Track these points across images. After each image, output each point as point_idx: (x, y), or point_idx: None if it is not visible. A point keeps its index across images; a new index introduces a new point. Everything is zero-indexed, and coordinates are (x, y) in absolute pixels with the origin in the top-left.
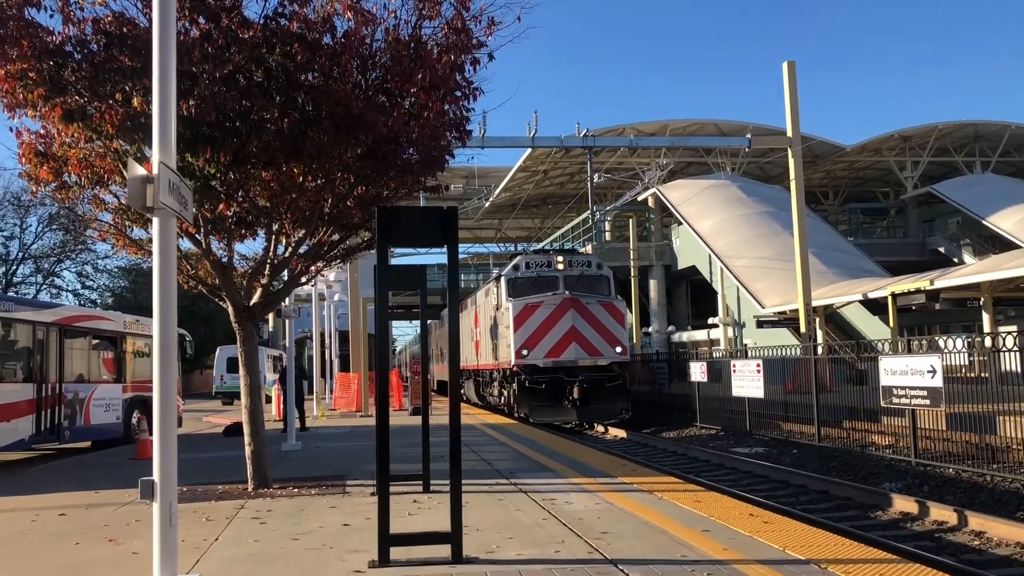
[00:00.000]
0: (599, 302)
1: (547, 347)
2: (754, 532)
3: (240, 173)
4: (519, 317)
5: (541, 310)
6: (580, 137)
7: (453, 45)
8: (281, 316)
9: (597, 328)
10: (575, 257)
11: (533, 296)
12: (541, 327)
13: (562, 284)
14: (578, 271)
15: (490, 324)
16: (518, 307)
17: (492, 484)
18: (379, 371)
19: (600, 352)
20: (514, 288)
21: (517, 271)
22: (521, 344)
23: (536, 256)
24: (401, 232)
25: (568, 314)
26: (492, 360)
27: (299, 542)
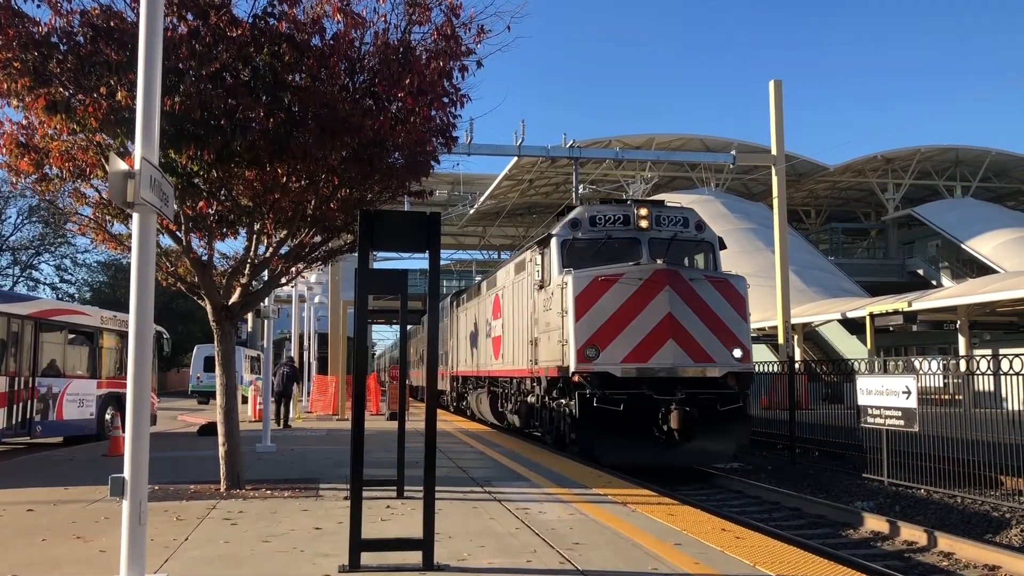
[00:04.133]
0: (709, 279)
1: (627, 346)
2: (726, 547)
3: (223, 171)
4: (583, 298)
5: (618, 289)
6: (566, 148)
7: (442, 51)
8: (260, 317)
9: (707, 319)
10: (665, 211)
11: (604, 268)
12: (618, 315)
13: (646, 250)
14: (669, 231)
15: (526, 311)
16: (582, 283)
17: (467, 492)
18: (356, 375)
19: (711, 357)
20: (571, 254)
21: (576, 229)
22: (587, 340)
23: (605, 208)
24: (384, 236)
25: (663, 296)
26: (527, 364)
27: (270, 544)
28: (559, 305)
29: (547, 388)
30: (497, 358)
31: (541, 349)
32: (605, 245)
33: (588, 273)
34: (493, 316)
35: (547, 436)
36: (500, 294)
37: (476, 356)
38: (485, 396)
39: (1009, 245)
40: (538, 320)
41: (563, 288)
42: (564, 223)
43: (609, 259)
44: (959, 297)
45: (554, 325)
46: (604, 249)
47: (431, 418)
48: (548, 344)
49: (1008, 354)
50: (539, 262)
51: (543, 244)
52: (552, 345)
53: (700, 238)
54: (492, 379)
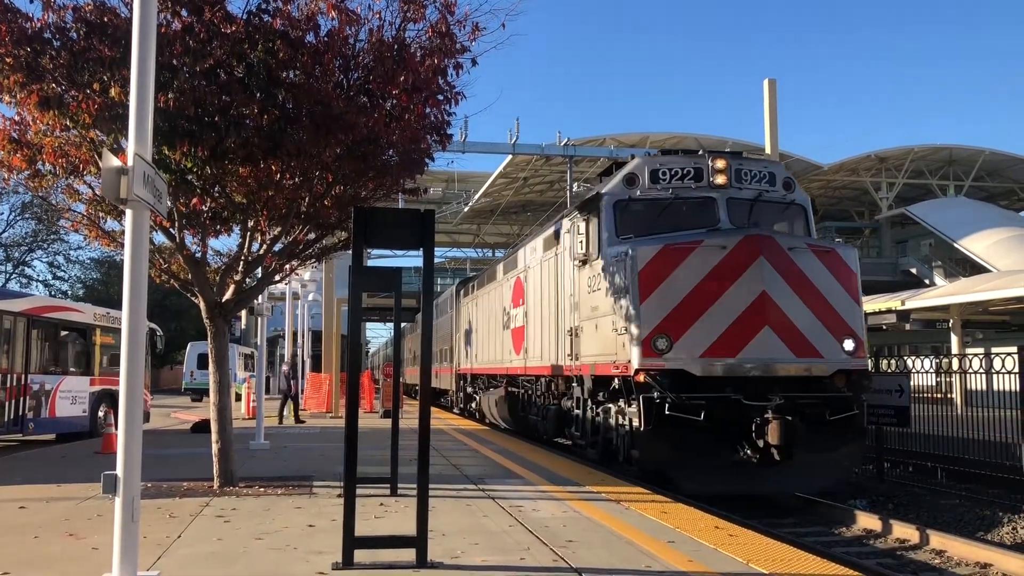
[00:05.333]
0: (812, 249)
1: (709, 335)
2: (719, 545)
3: (217, 168)
4: (650, 274)
5: (695, 261)
6: (561, 146)
7: (437, 49)
8: (254, 314)
9: (811, 301)
10: (747, 164)
11: (673, 235)
12: (696, 296)
13: (724, 213)
14: (752, 189)
15: (561, 295)
16: (648, 254)
17: (460, 489)
18: (350, 372)
19: (817, 350)
20: (627, 219)
21: (632, 186)
22: (655, 328)
23: (671, 160)
24: (378, 233)
25: (755, 270)
26: (562, 359)
27: (263, 542)
28: (614, 284)
29: (592, 390)
30: (519, 353)
31: (585, 341)
32: (670, 207)
33: (656, 242)
34: (513, 303)
35: (589, 450)
36: (523, 277)
37: (490, 351)
38: (502, 397)
39: (1002, 244)
40: (580, 304)
41: (621, 262)
42: (617, 180)
43: (674, 225)
44: (952, 296)
45: (605, 309)
46: (669, 212)
47: (424, 416)
48: (595, 334)
49: None
50: (582, 231)
51: (588, 208)
52: (602, 335)
53: (790, 199)
54: (511, 377)
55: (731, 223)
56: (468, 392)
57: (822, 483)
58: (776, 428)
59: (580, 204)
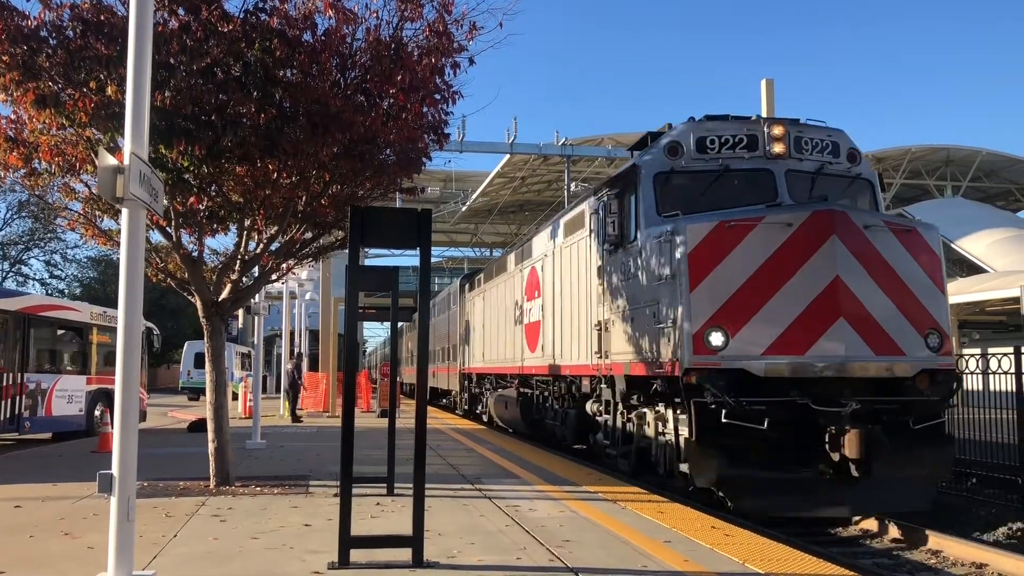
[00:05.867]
0: (891, 227)
1: (772, 328)
2: (715, 545)
3: (214, 167)
4: (702, 256)
5: (755, 242)
6: (559, 145)
7: (434, 48)
8: (251, 313)
9: (890, 288)
10: (808, 131)
11: (727, 212)
12: (756, 282)
13: (783, 187)
14: (814, 161)
15: (588, 284)
16: (700, 233)
17: (457, 489)
18: (346, 372)
19: (898, 347)
20: (669, 194)
21: (676, 156)
22: (709, 319)
23: (721, 126)
24: (374, 232)
25: (827, 251)
26: (588, 357)
27: (259, 541)
28: (656, 269)
29: (625, 392)
30: (533, 350)
31: (617, 336)
32: (720, 180)
33: (708, 218)
34: (527, 296)
35: (620, 460)
36: (539, 266)
37: (499, 349)
38: (513, 399)
39: (999, 245)
40: (610, 295)
41: (666, 243)
42: (658, 149)
43: (724, 201)
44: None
45: (643, 299)
46: (718, 186)
47: (421, 415)
48: (631, 328)
49: None
50: (614, 210)
51: (621, 183)
52: (640, 330)
53: (856, 172)
54: (524, 377)
55: (791, 199)
56: (474, 393)
57: (908, 502)
58: (855, 439)
59: (612, 179)
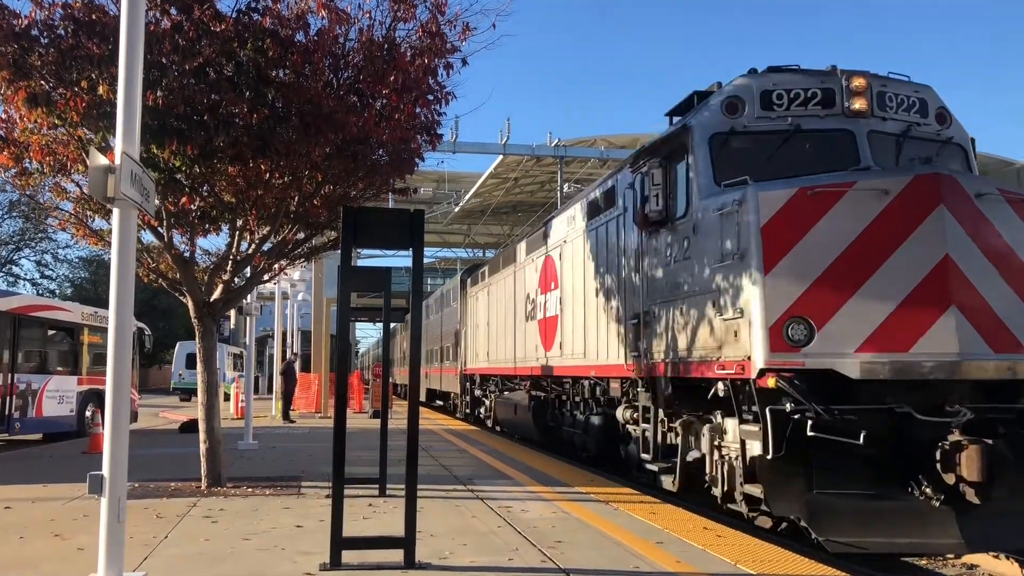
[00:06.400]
0: (1006, 195)
1: (868, 320)
2: (707, 546)
3: (206, 167)
4: (778, 230)
5: (842, 213)
6: (551, 147)
7: (427, 48)
8: (243, 314)
9: (1009, 272)
10: (892, 86)
11: (804, 180)
12: (846, 263)
13: (866, 151)
14: (900, 121)
15: (623, 271)
16: (776, 201)
17: (450, 490)
18: (338, 372)
19: (1020, 343)
20: (727, 159)
21: (735, 114)
22: (788, 309)
23: (790, 79)
24: (367, 233)
25: (933, 224)
26: (622, 356)
27: (250, 542)
28: (716, 248)
29: (671, 397)
30: (549, 348)
31: (660, 330)
32: (790, 143)
33: (785, 185)
34: (541, 289)
35: (664, 478)
36: (556, 254)
37: (508, 347)
38: (523, 403)
39: None
40: (654, 281)
41: (730, 216)
42: (713, 105)
43: (794, 168)
44: None
45: (700, 285)
46: (787, 151)
47: (413, 416)
48: (680, 321)
49: None
50: (657, 181)
51: (666, 149)
52: (693, 321)
53: (946, 136)
54: (537, 379)
55: (875, 164)
56: (476, 395)
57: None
58: (975, 457)
59: (653, 145)
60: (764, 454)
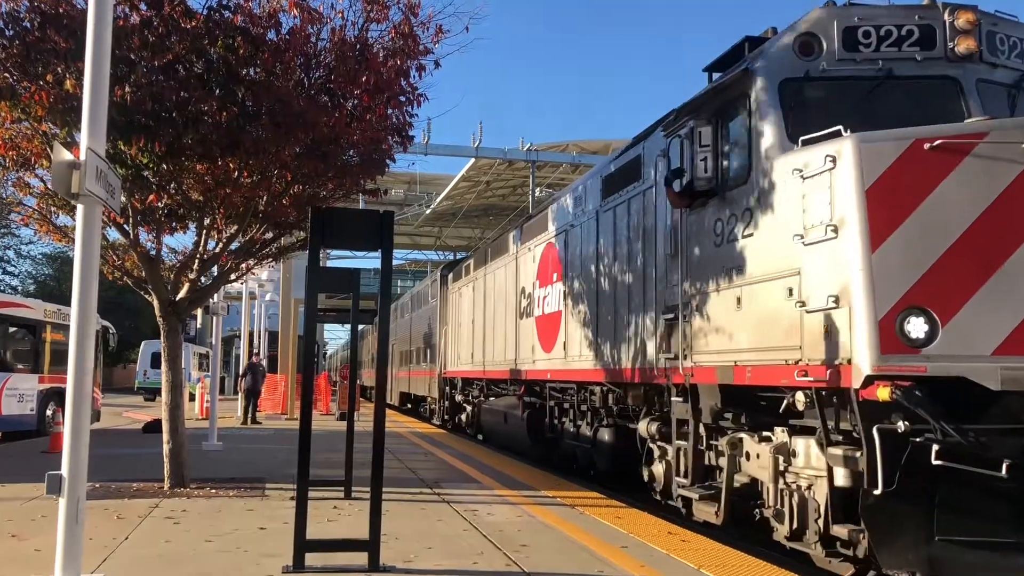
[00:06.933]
0: None
1: (1009, 314)
2: (672, 550)
3: (174, 164)
4: (884, 196)
5: (971, 173)
6: (524, 151)
7: (399, 50)
8: (209, 313)
9: None
10: (1003, 27)
11: (916, 130)
12: (977, 237)
13: (977, 103)
14: (1014, 68)
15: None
16: (881, 159)
17: (415, 493)
18: (304, 374)
19: None
20: (802, 110)
21: (810, 55)
22: (902, 297)
23: (878, 12)
24: (335, 234)
25: None
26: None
27: (213, 544)
28: (799, 218)
29: (718, 409)
30: (549, 349)
31: (706, 326)
32: (880, 92)
33: (895, 137)
34: (540, 281)
35: (701, 506)
36: (559, 241)
37: (494, 348)
38: (515, 412)
39: None
40: (698, 266)
41: (816, 177)
42: (784, 44)
43: (884, 124)
44: None
45: (769, 267)
46: (877, 101)
47: (379, 418)
48: (737, 313)
49: None
50: (704, 142)
51: (716, 103)
52: (758, 313)
53: None
54: (532, 384)
55: (984, 114)
56: (457, 401)
57: None
58: None
59: (696, 100)
60: (870, 487)
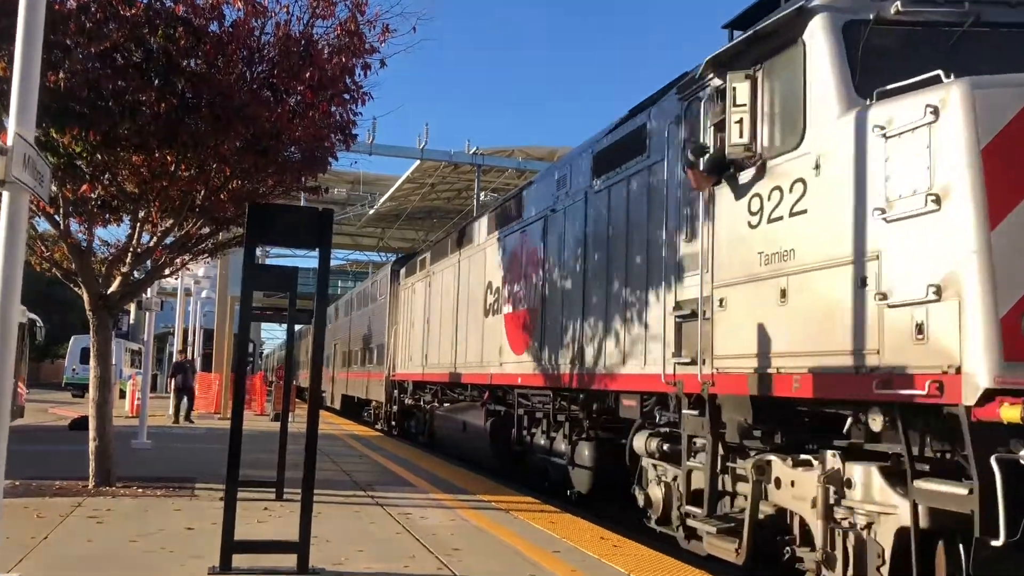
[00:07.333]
0: None
1: None
2: (603, 555)
3: (109, 155)
4: (1005, 157)
5: None
6: (469, 154)
7: (345, 47)
8: (142, 308)
9: None
10: None
11: None
12: None
13: None
14: None
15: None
16: (1002, 110)
17: (349, 496)
18: (237, 372)
19: None
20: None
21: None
22: None
23: None
24: (273, 231)
25: None
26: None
27: (137, 544)
28: (881, 188)
29: (748, 427)
30: (521, 351)
31: (738, 323)
32: (965, 41)
33: (1014, 83)
34: (512, 275)
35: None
36: (537, 229)
37: (458, 349)
38: (477, 420)
39: None
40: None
41: (913, 134)
42: None
43: (966, 73)
44: None
45: (830, 252)
46: (960, 52)
47: (313, 418)
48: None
49: None
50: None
51: (754, 53)
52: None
53: None
54: (497, 389)
55: None
56: (408, 406)
57: None
58: None
59: (727, 52)
60: (985, 535)
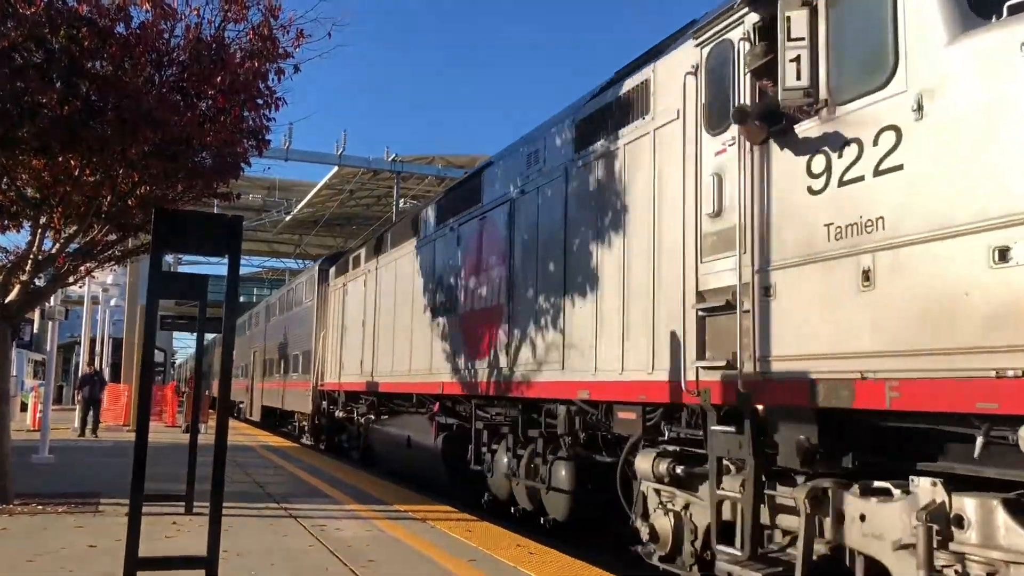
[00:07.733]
0: None
1: None
2: (519, 563)
3: (7, 158)
4: None
5: None
6: (389, 161)
7: (258, 52)
8: (45, 318)
9: None
10: None
11: None
12: None
13: None
14: None
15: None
16: None
17: (262, 508)
18: (142, 382)
19: None
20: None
21: None
22: None
23: None
24: (180, 237)
25: None
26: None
27: (35, 564)
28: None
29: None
30: (483, 355)
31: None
32: None
33: None
34: (470, 267)
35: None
36: (503, 213)
37: (400, 354)
38: (424, 437)
39: None
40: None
41: None
42: None
43: None
44: None
45: (911, 223)
46: None
47: (222, 428)
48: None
49: None
50: (798, 34)
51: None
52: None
53: None
54: (447, 400)
55: None
56: (339, 419)
57: None
58: None
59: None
60: None
